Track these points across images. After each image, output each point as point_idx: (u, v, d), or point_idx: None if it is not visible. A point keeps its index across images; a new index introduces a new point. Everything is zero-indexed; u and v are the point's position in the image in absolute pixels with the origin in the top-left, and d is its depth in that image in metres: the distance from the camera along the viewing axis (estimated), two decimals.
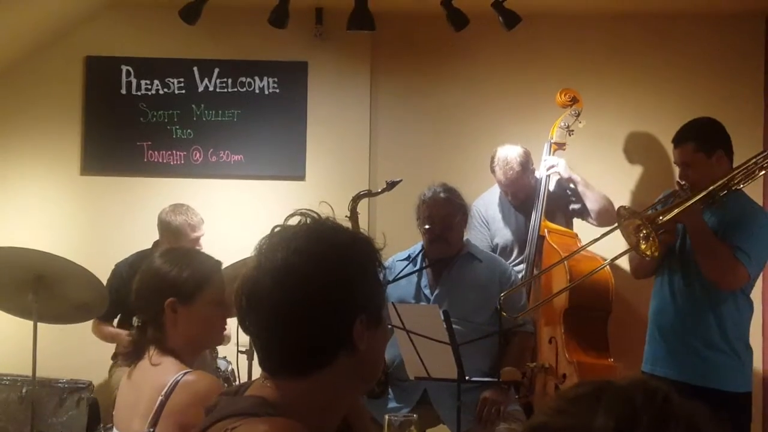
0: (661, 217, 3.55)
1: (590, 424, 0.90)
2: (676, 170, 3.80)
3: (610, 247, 4.62)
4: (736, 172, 3.62)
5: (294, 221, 1.53)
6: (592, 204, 4.73)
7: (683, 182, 3.66)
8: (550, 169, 4.71)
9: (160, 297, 2.39)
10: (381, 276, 1.55)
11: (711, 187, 3.56)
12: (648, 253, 3.54)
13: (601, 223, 4.65)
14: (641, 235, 3.52)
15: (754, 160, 3.67)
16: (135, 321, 2.45)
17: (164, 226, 4.63)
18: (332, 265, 1.47)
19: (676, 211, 3.53)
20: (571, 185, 4.80)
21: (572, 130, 4.84)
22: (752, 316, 3.77)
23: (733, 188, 3.64)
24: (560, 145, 4.83)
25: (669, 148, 3.84)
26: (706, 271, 3.58)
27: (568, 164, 4.82)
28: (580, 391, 0.95)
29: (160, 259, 2.48)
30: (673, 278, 3.74)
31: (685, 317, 3.69)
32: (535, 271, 4.61)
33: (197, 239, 4.61)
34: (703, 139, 3.65)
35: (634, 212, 3.61)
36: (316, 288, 1.44)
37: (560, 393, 0.98)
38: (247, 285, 1.49)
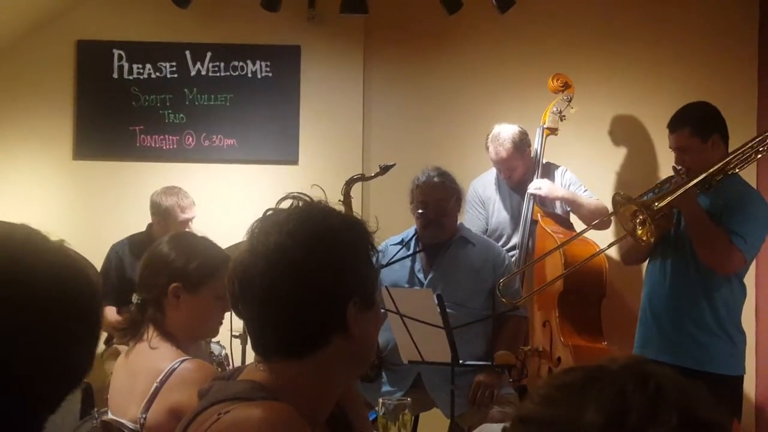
0: (657, 203, 3.53)
1: (580, 417, 0.87)
2: (670, 154, 3.79)
3: (603, 232, 4.64)
4: (732, 156, 3.61)
5: (286, 205, 1.53)
6: (581, 217, 4.64)
7: (680, 167, 3.65)
8: (534, 190, 4.61)
9: (166, 280, 2.39)
10: (374, 259, 1.54)
11: (707, 172, 3.54)
12: (644, 238, 3.53)
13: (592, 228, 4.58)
14: (638, 220, 3.51)
15: (750, 144, 3.66)
16: (135, 298, 2.45)
17: (155, 207, 4.67)
18: (324, 247, 1.47)
19: (672, 196, 3.52)
20: (558, 203, 4.71)
21: (564, 116, 4.82)
22: (745, 300, 3.78)
23: (729, 172, 3.64)
24: (552, 131, 4.81)
25: (662, 132, 3.82)
26: (702, 256, 3.58)
27: (558, 150, 4.81)
28: (569, 379, 0.93)
29: (170, 244, 2.46)
30: (666, 262, 3.74)
31: (679, 301, 3.69)
32: (529, 256, 4.61)
33: (186, 221, 4.62)
34: (699, 123, 3.63)
35: (630, 198, 3.60)
36: (309, 270, 1.44)
37: (550, 378, 0.95)
38: (239, 268, 1.49)
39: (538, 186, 4.60)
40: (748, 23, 5.33)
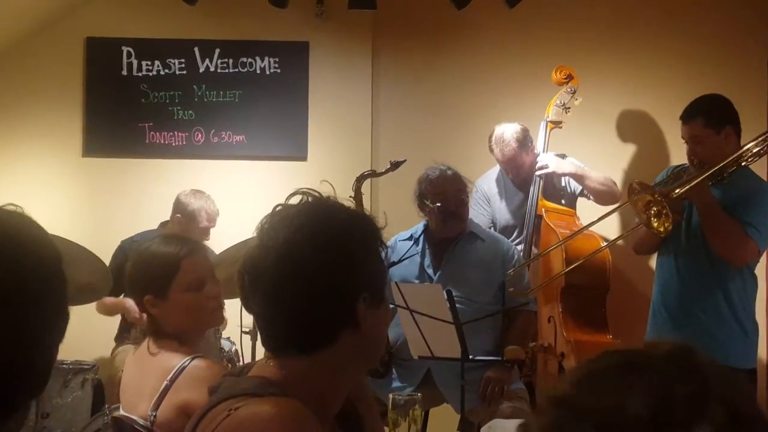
0: (673, 192, 3.52)
1: (621, 408, 0.81)
2: (677, 148, 3.78)
3: (607, 224, 4.62)
4: (745, 148, 3.60)
5: (295, 200, 1.53)
6: (590, 189, 4.69)
7: (695, 159, 3.63)
8: (541, 170, 4.62)
9: (139, 297, 2.42)
10: (383, 254, 1.54)
11: (722, 164, 3.53)
12: (661, 229, 3.51)
13: (602, 203, 4.63)
14: (652, 211, 3.50)
15: (762, 137, 3.65)
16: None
17: (181, 206, 4.64)
18: (334, 242, 1.47)
19: (687, 186, 3.50)
20: (565, 178, 4.75)
21: (568, 108, 4.79)
22: (757, 292, 3.77)
23: (742, 164, 3.63)
24: (556, 124, 4.79)
25: (670, 126, 3.81)
26: (717, 247, 3.57)
27: (563, 144, 4.81)
28: (609, 363, 0.87)
29: (130, 262, 2.50)
30: (678, 254, 3.73)
31: (693, 293, 3.68)
32: (533, 250, 4.61)
33: (207, 229, 4.62)
34: (712, 114, 3.62)
35: (647, 187, 3.58)
36: (318, 266, 1.44)
37: (587, 362, 0.88)
38: (249, 264, 1.49)
39: (545, 164, 4.60)
40: (758, 17, 5.29)
